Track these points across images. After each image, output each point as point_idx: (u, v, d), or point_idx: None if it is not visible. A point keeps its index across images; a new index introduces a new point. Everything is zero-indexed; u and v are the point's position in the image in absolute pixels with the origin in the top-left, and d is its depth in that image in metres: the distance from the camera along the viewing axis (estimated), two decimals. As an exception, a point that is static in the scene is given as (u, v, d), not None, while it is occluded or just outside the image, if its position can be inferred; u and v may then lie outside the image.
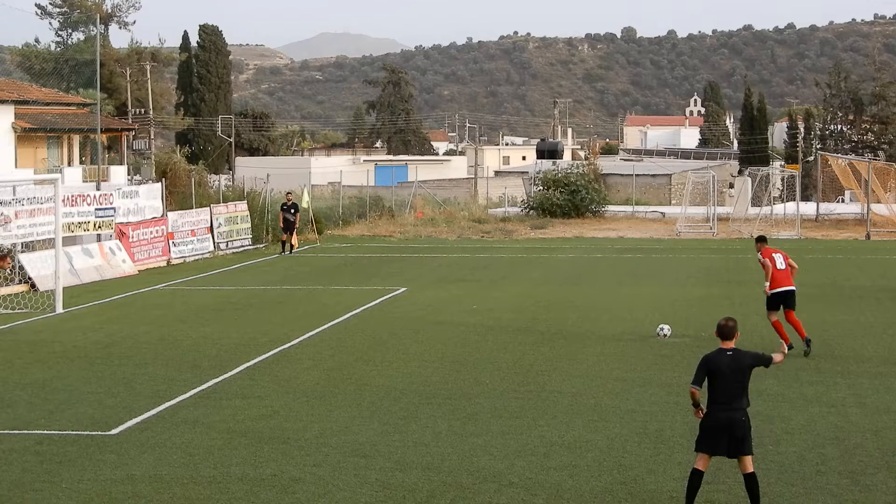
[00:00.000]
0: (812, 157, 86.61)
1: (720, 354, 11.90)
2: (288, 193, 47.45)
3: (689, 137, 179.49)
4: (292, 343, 23.28)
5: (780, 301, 21.56)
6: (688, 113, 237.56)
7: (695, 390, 11.90)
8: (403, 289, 32.86)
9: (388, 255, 44.92)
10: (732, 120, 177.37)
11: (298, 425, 16.01)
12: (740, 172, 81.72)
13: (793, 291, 21.58)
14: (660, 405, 17.01)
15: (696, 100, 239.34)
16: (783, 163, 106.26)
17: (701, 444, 11.86)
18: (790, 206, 59.92)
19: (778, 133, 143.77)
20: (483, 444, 14.82)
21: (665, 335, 23.02)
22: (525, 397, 17.71)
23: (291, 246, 45.41)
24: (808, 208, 60.92)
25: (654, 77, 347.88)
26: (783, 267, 21.76)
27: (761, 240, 22.64)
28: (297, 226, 46.29)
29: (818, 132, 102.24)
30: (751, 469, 11.76)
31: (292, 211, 45.41)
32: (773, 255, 21.97)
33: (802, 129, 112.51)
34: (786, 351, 12.81)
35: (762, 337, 22.15)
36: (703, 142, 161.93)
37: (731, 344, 11.99)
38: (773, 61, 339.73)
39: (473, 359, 21.22)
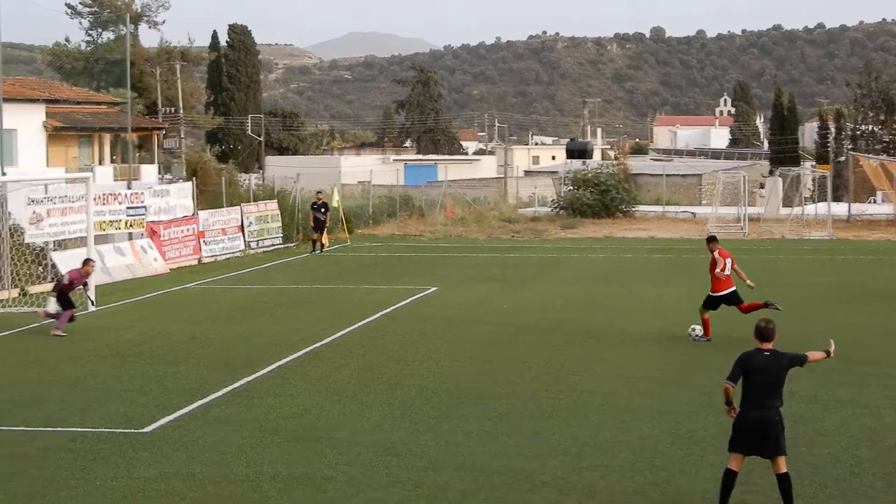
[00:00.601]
0: (843, 158, 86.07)
1: (758, 354, 11.82)
2: (318, 192, 47.58)
3: (720, 137, 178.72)
4: (323, 342, 23.32)
5: (724, 302, 23.07)
6: (717, 113, 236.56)
7: (729, 386, 11.81)
8: (434, 288, 32.87)
9: (418, 255, 44.95)
10: (762, 120, 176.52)
11: (330, 424, 16.04)
12: (771, 173, 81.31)
13: (734, 291, 23.11)
14: (692, 406, 16.95)
15: (725, 100, 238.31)
16: (814, 163, 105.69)
17: (734, 445, 11.80)
18: (821, 207, 59.61)
19: (808, 133, 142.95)
20: (515, 444, 14.81)
21: (697, 336, 22.94)
22: (556, 397, 17.69)
23: (322, 245, 45.52)
24: (840, 209, 60.58)
25: (684, 77, 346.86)
26: (728, 273, 23.03)
27: (712, 240, 23.75)
28: (328, 225, 46.39)
29: (849, 132, 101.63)
30: (784, 469, 11.69)
31: (322, 210, 45.53)
32: (725, 259, 23.03)
33: (833, 130, 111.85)
34: (831, 351, 12.59)
35: (790, 341, 22.01)
36: (734, 142, 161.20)
37: (769, 345, 11.91)
38: (803, 61, 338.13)
39: (504, 359, 21.22)
